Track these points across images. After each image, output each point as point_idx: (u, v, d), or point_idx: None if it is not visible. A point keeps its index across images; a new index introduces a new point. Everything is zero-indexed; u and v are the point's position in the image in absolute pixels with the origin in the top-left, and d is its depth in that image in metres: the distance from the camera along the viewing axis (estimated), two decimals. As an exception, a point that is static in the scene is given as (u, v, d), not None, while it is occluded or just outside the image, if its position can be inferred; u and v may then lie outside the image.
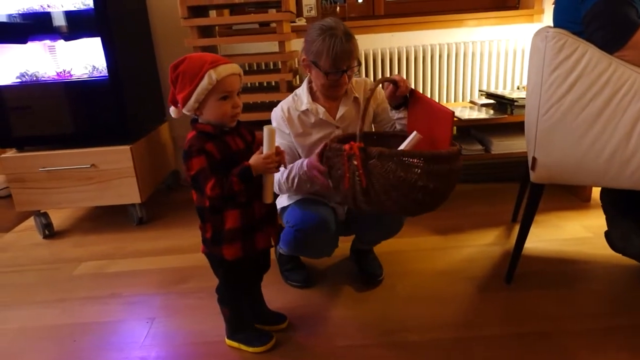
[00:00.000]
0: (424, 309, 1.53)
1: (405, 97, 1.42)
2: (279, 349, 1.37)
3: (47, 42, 2.22)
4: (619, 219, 1.57)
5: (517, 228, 2.01)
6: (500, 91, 2.40)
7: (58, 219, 2.42)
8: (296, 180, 1.42)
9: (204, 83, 1.12)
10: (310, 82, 1.51)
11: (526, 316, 1.46)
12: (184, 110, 1.17)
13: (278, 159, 1.16)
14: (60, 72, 2.20)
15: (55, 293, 1.76)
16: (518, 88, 2.57)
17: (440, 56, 2.60)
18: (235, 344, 1.37)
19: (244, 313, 1.37)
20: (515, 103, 2.13)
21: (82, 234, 2.26)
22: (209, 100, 1.15)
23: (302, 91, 1.51)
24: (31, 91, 2.13)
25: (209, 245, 1.25)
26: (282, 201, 1.59)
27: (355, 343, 1.38)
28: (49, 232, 2.26)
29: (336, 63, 1.35)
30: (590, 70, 1.30)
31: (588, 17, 1.33)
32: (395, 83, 1.35)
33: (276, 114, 1.52)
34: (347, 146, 1.15)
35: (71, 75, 2.21)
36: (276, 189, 1.50)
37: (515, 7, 2.79)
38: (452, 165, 1.17)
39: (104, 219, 2.41)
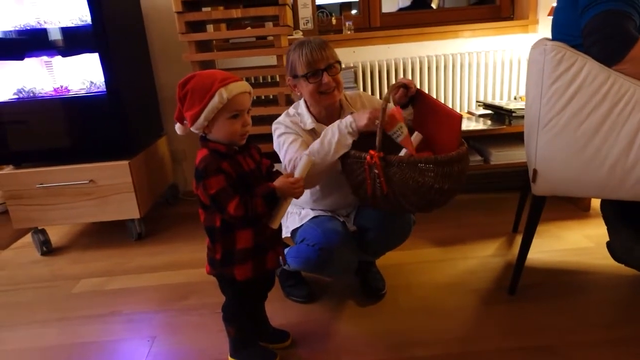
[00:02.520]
0: (428, 323, 1.52)
1: (411, 98, 1.43)
2: (282, 367, 1.35)
3: (45, 58, 2.22)
4: (621, 230, 1.57)
5: (518, 238, 2.03)
6: (497, 102, 2.42)
7: (56, 235, 2.40)
8: (334, 142, 1.33)
9: (215, 102, 1.10)
10: (306, 103, 1.50)
11: (531, 329, 1.45)
12: (193, 129, 1.16)
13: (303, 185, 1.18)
14: (58, 88, 2.19)
15: (54, 312, 1.73)
16: (515, 98, 2.58)
17: (437, 67, 2.62)
18: (238, 363, 1.36)
19: (248, 331, 1.35)
20: (514, 114, 2.14)
21: (80, 251, 2.24)
22: (219, 118, 1.13)
23: (303, 111, 1.50)
24: (28, 107, 2.12)
25: (217, 267, 1.23)
26: (293, 221, 1.57)
27: (362, 359, 1.37)
28: (47, 249, 2.24)
29: (311, 64, 1.36)
30: (589, 82, 1.31)
31: (586, 30, 1.34)
32: (405, 86, 1.39)
33: (284, 123, 1.48)
34: (368, 156, 1.22)
35: (68, 91, 2.20)
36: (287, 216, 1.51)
37: (510, 17, 2.81)
38: (463, 164, 1.26)
39: (103, 234, 2.39)
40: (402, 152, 1.34)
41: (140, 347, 1.49)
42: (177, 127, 1.21)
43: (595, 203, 2.26)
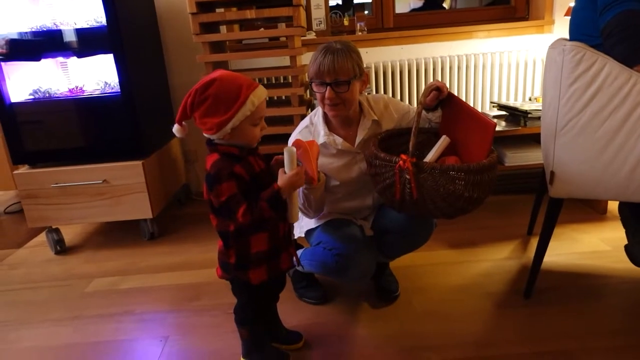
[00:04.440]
0: (442, 326, 1.50)
1: (441, 101, 1.41)
2: (295, 369, 1.35)
3: (60, 58, 2.24)
4: (640, 233, 1.54)
5: (533, 241, 2.00)
6: (512, 103, 2.39)
7: (69, 234, 2.42)
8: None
9: (245, 109, 1.08)
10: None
11: (547, 334, 1.43)
12: (217, 136, 1.12)
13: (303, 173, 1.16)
14: (73, 89, 2.21)
15: (68, 310, 1.74)
16: (530, 99, 2.55)
17: (450, 68, 2.59)
18: (251, 364, 1.35)
19: (261, 333, 1.35)
20: (529, 115, 2.11)
21: (93, 250, 2.26)
22: (244, 125, 1.11)
23: (319, 120, 1.48)
24: (44, 108, 2.14)
25: (231, 271, 1.21)
26: (309, 222, 1.56)
27: (374, 362, 1.36)
28: (61, 248, 2.26)
29: (319, 74, 1.33)
30: (609, 83, 1.28)
31: (607, 30, 1.32)
32: (439, 89, 1.36)
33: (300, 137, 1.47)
34: (400, 161, 1.20)
35: (83, 92, 2.22)
36: (303, 216, 1.50)
37: (525, 18, 2.78)
38: (493, 173, 1.25)
39: (115, 234, 2.41)
40: (428, 157, 1.32)
41: (153, 347, 1.49)
42: (176, 129, 1.16)
43: (613, 206, 2.22)
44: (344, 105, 1.37)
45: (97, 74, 2.25)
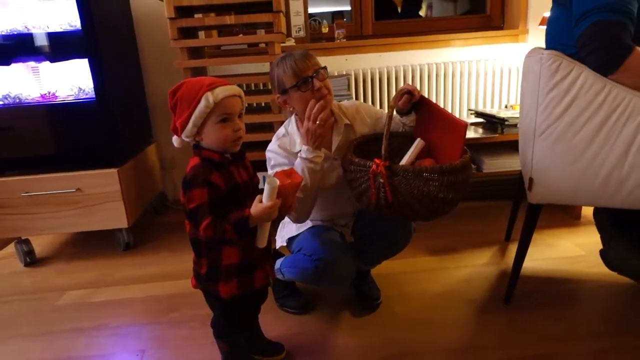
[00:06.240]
0: (425, 333, 1.49)
1: (414, 104, 1.43)
2: (278, 381, 1.32)
3: (32, 63, 2.17)
4: (615, 238, 1.58)
5: (511, 247, 2.03)
6: (489, 110, 2.43)
7: (39, 245, 2.33)
8: (307, 172, 1.35)
9: (201, 106, 1.07)
10: (297, 119, 1.46)
11: (528, 338, 1.44)
12: (183, 137, 1.12)
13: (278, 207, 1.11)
14: (45, 94, 2.15)
15: (39, 325, 1.67)
16: (506, 107, 2.60)
17: (428, 76, 2.62)
18: (232, 377, 1.32)
19: (241, 346, 1.32)
20: (506, 122, 2.15)
21: (65, 261, 2.18)
22: (207, 123, 1.10)
23: (293, 129, 1.46)
24: (14, 113, 2.06)
25: (202, 281, 1.19)
26: (290, 230, 1.54)
27: (357, 372, 1.34)
28: (31, 259, 2.17)
29: (298, 73, 1.33)
30: (585, 91, 1.31)
31: (581, 40, 1.34)
32: (410, 92, 1.38)
33: (274, 151, 1.46)
34: (373, 165, 1.21)
35: (56, 97, 2.15)
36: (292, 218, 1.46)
37: (500, 27, 2.84)
38: (466, 173, 1.26)
39: (89, 244, 2.33)
40: (404, 160, 1.33)
41: (129, 362, 1.44)
42: (174, 139, 1.17)
43: (586, 211, 2.27)
44: (330, 94, 1.37)
45: (71, 79, 2.18)
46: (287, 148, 1.43)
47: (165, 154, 2.71)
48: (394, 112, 1.53)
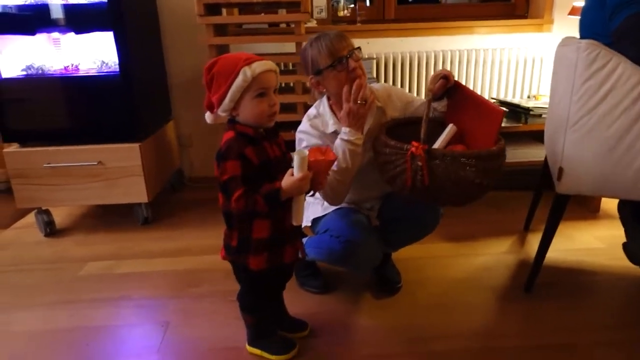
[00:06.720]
0: (446, 318, 1.51)
1: (447, 89, 1.42)
2: (302, 357, 1.33)
3: (56, 34, 2.16)
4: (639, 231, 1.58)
5: (529, 237, 2.03)
6: (513, 99, 2.40)
7: (58, 216, 2.33)
8: (347, 155, 1.35)
9: (239, 80, 1.08)
10: (329, 100, 1.46)
11: (548, 327, 1.45)
12: (220, 111, 1.13)
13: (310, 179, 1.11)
14: (68, 66, 2.14)
15: (61, 294, 1.69)
16: (528, 97, 2.57)
17: (451, 63, 2.60)
18: (257, 351, 1.34)
19: (267, 320, 1.33)
20: (531, 112, 2.13)
21: (85, 233, 2.19)
22: (245, 98, 1.11)
23: (325, 110, 1.46)
24: (37, 84, 2.06)
25: (232, 253, 1.21)
26: (315, 211, 1.55)
27: (381, 352, 1.36)
28: (51, 230, 2.19)
29: (334, 53, 1.32)
30: (623, 82, 1.30)
31: (619, 32, 1.33)
32: (446, 78, 1.37)
33: (306, 131, 1.45)
34: (412, 148, 1.21)
35: (78, 70, 2.14)
36: (328, 195, 1.44)
37: (524, 16, 2.80)
38: (501, 160, 1.28)
39: (107, 217, 2.35)
40: (436, 145, 1.32)
41: (154, 333, 1.46)
42: (207, 116, 1.18)
43: (605, 204, 2.26)
44: (364, 75, 1.37)
45: (94, 52, 2.17)
46: (320, 128, 1.43)
47: (183, 131, 2.70)
48: (415, 102, 1.53)
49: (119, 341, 1.43)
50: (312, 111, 1.48)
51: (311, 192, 1.19)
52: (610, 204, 2.22)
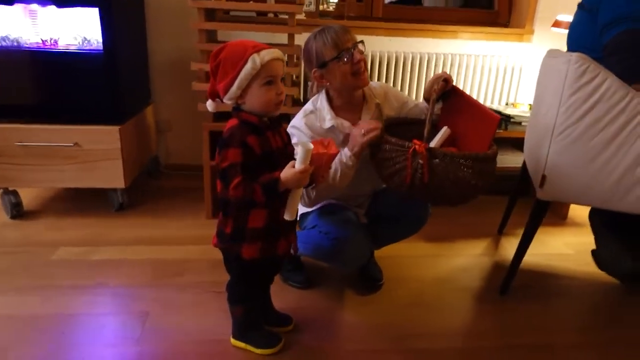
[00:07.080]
0: (427, 316, 1.54)
1: (444, 92, 1.44)
2: (287, 352, 1.33)
3: (35, 6, 2.04)
4: (610, 240, 1.66)
5: (503, 240, 2.10)
6: (492, 106, 2.47)
7: (25, 198, 2.23)
8: (339, 174, 1.38)
9: (248, 68, 1.07)
10: (327, 94, 1.46)
11: (524, 328, 1.51)
12: (226, 99, 1.11)
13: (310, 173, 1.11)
14: (46, 40, 2.04)
15: (33, 279, 1.62)
16: (507, 104, 2.65)
17: (435, 65, 2.64)
18: (242, 345, 1.32)
19: (256, 311, 1.32)
20: (512, 119, 2.20)
21: (55, 217, 2.10)
22: (253, 86, 1.09)
23: (323, 105, 1.45)
24: (12, 57, 1.95)
25: (226, 241, 1.19)
26: (302, 207, 1.54)
27: (366, 348, 1.38)
28: (18, 212, 2.08)
29: (339, 44, 1.33)
30: (609, 96, 1.35)
31: (608, 48, 1.39)
32: (446, 81, 1.40)
33: (299, 128, 1.44)
34: (415, 146, 1.23)
35: (57, 45, 2.05)
36: (304, 203, 1.46)
37: (505, 24, 2.87)
38: (495, 164, 1.34)
39: (79, 201, 2.26)
40: (433, 143, 1.35)
41: (132, 323, 1.42)
42: (209, 103, 1.17)
43: (572, 212, 2.36)
44: (367, 70, 1.39)
45: (75, 28, 2.07)
46: (315, 124, 1.42)
47: (161, 117, 2.63)
48: (422, 100, 1.55)
49: (97, 330, 1.39)
50: (308, 106, 1.48)
51: (312, 185, 1.19)
52: (577, 211, 2.33)
